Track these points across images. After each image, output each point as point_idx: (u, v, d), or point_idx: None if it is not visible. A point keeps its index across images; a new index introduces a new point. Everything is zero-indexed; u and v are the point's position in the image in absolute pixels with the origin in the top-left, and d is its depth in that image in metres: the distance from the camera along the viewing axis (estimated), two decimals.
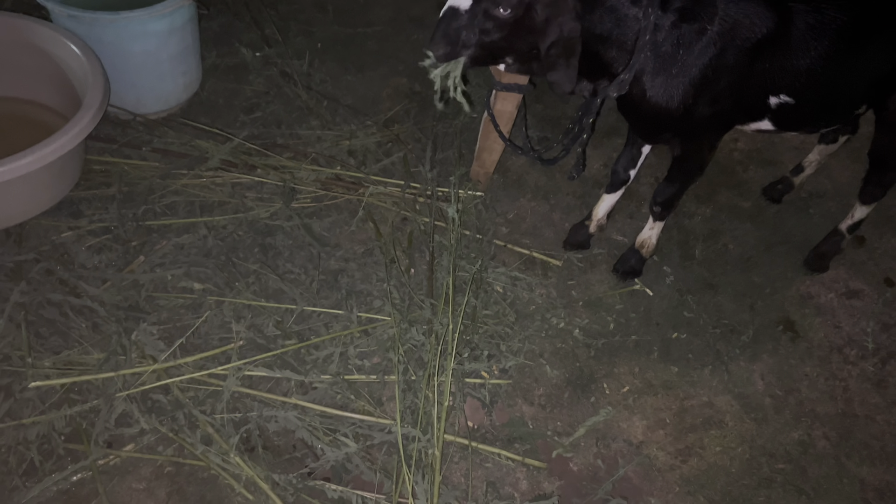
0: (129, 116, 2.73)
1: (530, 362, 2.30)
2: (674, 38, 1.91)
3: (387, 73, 3.29)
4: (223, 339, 2.16)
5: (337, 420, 2.04)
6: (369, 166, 2.79)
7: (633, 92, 2.01)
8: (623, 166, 2.49)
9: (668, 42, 1.92)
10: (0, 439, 1.88)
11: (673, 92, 1.99)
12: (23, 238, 2.31)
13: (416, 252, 2.54)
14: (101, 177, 2.53)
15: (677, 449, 2.18)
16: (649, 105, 2.03)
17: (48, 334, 2.07)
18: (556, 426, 2.18)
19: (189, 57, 2.76)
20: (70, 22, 2.45)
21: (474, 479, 2.02)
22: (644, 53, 1.92)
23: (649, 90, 2.00)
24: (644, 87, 2.00)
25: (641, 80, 1.99)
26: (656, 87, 1.99)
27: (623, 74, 1.96)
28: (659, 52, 1.93)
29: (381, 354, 2.21)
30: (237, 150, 2.69)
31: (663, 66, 1.95)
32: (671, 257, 2.70)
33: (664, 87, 1.99)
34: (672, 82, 1.98)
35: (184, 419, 1.96)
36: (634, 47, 1.91)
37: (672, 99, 2.00)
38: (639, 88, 2.00)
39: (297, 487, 1.90)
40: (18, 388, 1.95)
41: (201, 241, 2.40)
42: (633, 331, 2.45)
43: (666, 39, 1.92)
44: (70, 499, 1.84)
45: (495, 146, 2.63)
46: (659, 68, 1.96)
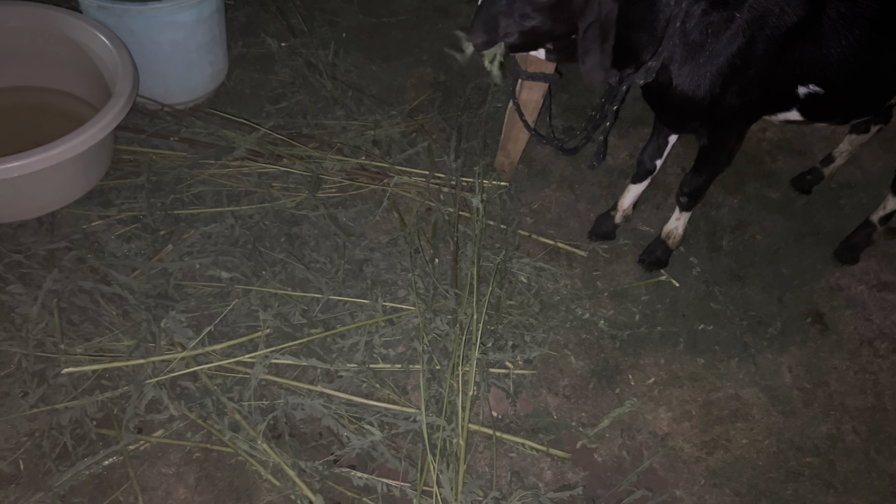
0: (157, 106, 2.76)
1: (555, 353, 2.30)
2: (703, 26, 1.89)
3: (411, 62, 3.29)
4: (250, 328, 2.18)
5: (362, 408, 2.06)
6: (394, 156, 2.79)
7: (659, 80, 1.99)
8: (649, 156, 2.47)
9: (696, 30, 1.89)
10: (34, 424, 1.92)
11: (700, 81, 1.97)
12: (55, 227, 2.34)
13: (441, 242, 2.54)
14: (130, 166, 2.56)
15: (703, 441, 2.17)
16: (676, 94, 2.01)
17: (80, 321, 2.11)
18: (581, 417, 2.18)
19: (216, 47, 2.78)
20: (100, 13, 2.48)
21: (499, 468, 2.03)
22: (673, 41, 1.90)
23: (676, 79, 1.98)
24: (671, 76, 1.98)
25: (668, 69, 1.96)
26: (683, 75, 1.97)
27: (650, 62, 1.94)
28: (687, 40, 1.91)
29: (406, 344, 2.22)
30: (263, 140, 2.71)
31: (691, 54, 1.93)
32: (698, 248, 2.67)
33: (691, 76, 1.97)
34: (700, 71, 1.95)
35: (212, 406, 1.99)
36: (663, 35, 1.89)
37: (699, 88, 1.98)
38: (665, 77, 1.98)
39: (323, 474, 1.92)
40: (52, 373, 1.99)
41: (228, 230, 2.42)
42: (659, 322, 2.44)
43: (695, 27, 1.89)
44: (102, 483, 1.87)
45: (520, 136, 2.61)
46: (687, 56, 1.94)
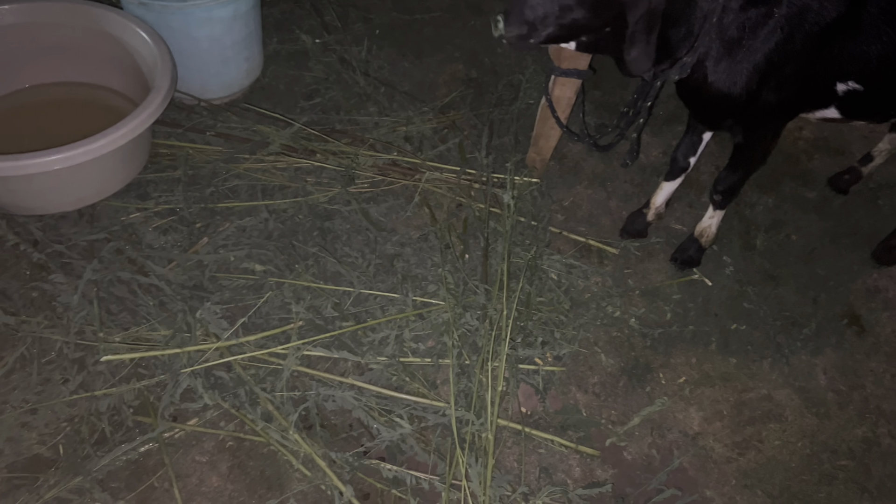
0: (194, 101, 2.80)
1: (585, 350, 2.29)
2: (740, 22, 1.87)
3: (444, 59, 3.30)
4: (283, 320, 2.21)
5: (392, 401, 2.08)
6: (425, 152, 2.80)
7: (694, 76, 1.97)
8: (683, 153, 2.45)
9: (733, 25, 1.87)
10: (74, 410, 1.96)
11: (736, 77, 1.95)
12: (94, 218, 2.40)
13: (471, 238, 2.54)
14: (168, 160, 2.60)
15: (734, 441, 2.15)
16: (711, 90, 1.99)
17: (118, 311, 2.15)
18: (611, 415, 2.17)
19: (252, 43, 2.82)
20: (140, 9, 2.53)
21: (527, 464, 2.03)
22: (709, 36, 1.88)
23: (711, 75, 1.96)
24: (706, 72, 1.96)
25: (704, 64, 1.94)
26: (719, 71, 1.95)
27: (686, 57, 1.92)
28: (724, 35, 1.89)
29: (436, 338, 2.23)
30: (297, 136, 2.74)
31: (727, 50, 1.91)
32: (731, 247, 2.65)
33: (727, 73, 1.94)
34: (736, 67, 1.93)
35: (245, 396, 2.02)
36: (700, 30, 1.87)
37: (735, 85, 1.96)
38: (700, 73, 1.96)
39: (354, 466, 1.94)
40: (91, 361, 2.03)
41: (263, 223, 2.45)
42: (691, 321, 2.42)
43: (732, 23, 1.87)
44: (138, 468, 1.91)
45: (552, 132, 2.61)
46: (723, 52, 1.91)
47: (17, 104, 2.63)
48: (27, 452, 1.89)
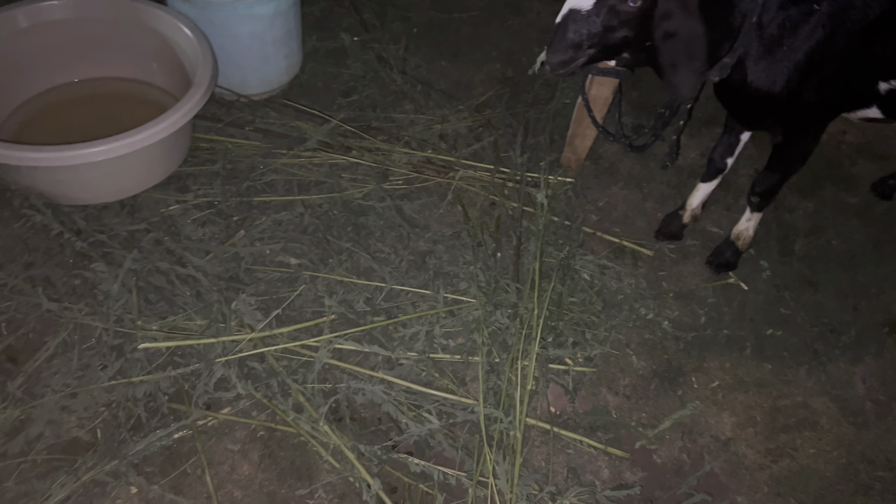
0: (234, 97, 2.85)
1: (616, 352, 2.28)
2: (780, 20, 1.84)
3: (480, 58, 3.30)
4: (316, 313, 2.23)
5: (421, 396, 2.09)
6: (460, 150, 2.81)
7: (733, 76, 1.95)
8: (720, 154, 2.42)
9: (773, 24, 1.84)
10: (111, 395, 2.01)
11: (777, 76, 1.91)
12: (135, 209, 2.45)
13: (503, 236, 2.54)
14: (207, 154, 2.65)
15: (768, 448, 2.11)
16: (751, 90, 1.96)
17: (156, 300, 2.20)
18: (641, 417, 2.15)
19: (291, 40, 2.85)
20: (184, 5, 2.58)
21: (555, 463, 2.02)
22: (749, 36, 1.85)
23: (751, 74, 1.93)
24: (746, 71, 1.93)
25: (743, 64, 1.92)
26: (759, 71, 1.92)
27: (726, 58, 1.90)
28: (764, 34, 1.86)
29: (466, 335, 2.23)
30: (334, 132, 2.77)
31: (768, 49, 1.88)
32: (769, 251, 2.60)
33: (767, 72, 1.91)
34: (776, 66, 1.90)
35: (277, 387, 2.05)
36: (739, 30, 1.85)
37: (775, 84, 1.92)
38: (740, 72, 1.94)
39: (382, 459, 1.95)
40: (129, 348, 2.08)
41: (298, 218, 2.48)
42: (726, 325, 2.38)
43: (772, 21, 1.84)
44: (171, 455, 1.95)
45: (588, 132, 2.60)
46: (763, 52, 1.88)
47: (66, 97, 2.72)
48: (66, 435, 1.94)
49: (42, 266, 2.26)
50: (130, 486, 1.87)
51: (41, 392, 1.99)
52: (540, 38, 3.44)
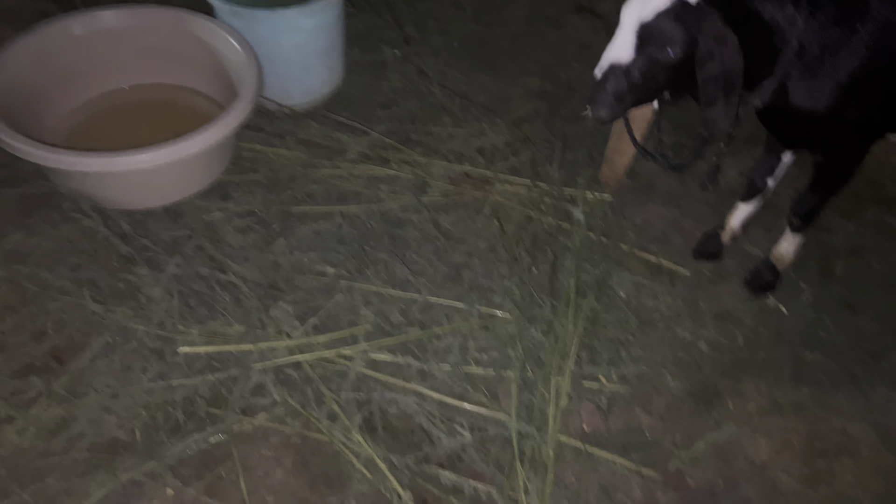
0: (277, 107, 2.90)
1: (651, 371, 2.26)
2: (821, 41, 1.82)
3: (519, 72, 3.32)
4: (351, 322, 2.26)
5: (454, 409, 2.09)
6: (497, 164, 2.82)
7: (774, 98, 1.93)
8: (760, 174, 2.39)
9: (814, 44, 1.82)
10: (151, 397, 2.05)
11: (818, 97, 1.89)
12: (179, 216, 2.51)
13: (539, 252, 2.54)
14: (249, 163, 2.70)
15: (804, 474, 2.08)
16: (791, 111, 1.94)
17: (196, 305, 2.25)
18: (675, 438, 2.13)
19: (334, 53, 2.90)
20: (231, 17, 2.64)
21: (587, 482, 2.01)
22: (789, 59, 1.84)
23: (793, 95, 1.91)
24: (787, 93, 1.91)
25: (784, 85, 1.90)
26: (800, 91, 1.90)
27: (766, 81, 1.88)
28: (804, 55, 1.84)
29: (500, 350, 2.24)
30: (373, 144, 2.80)
31: (809, 70, 1.86)
32: (808, 273, 2.56)
33: (808, 92, 1.89)
34: (818, 86, 1.88)
35: (312, 394, 2.07)
36: (780, 54, 1.83)
37: (817, 104, 1.90)
38: (781, 94, 1.92)
39: (413, 471, 1.96)
40: (169, 352, 2.12)
41: (336, 228, 2.52)
42: (763, 347, 2.35)
43: (812, 42, 1.82)
44: (207, 458, 1.98)
45: (627, 149, 2.59)
46: (804, 73, 1.86)
47: (117, 103, 2.79)
48: (106, 434, 1.98)
49: (88, 268, 2.32)
50: (167, 488, 1.91)
51: (84, 391, 2.04)
52: (578, 52, 3.45)
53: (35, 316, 2.20)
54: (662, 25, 1.68)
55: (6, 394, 2.01)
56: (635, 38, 1.70)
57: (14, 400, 2.01)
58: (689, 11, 1.67)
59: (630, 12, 1.71)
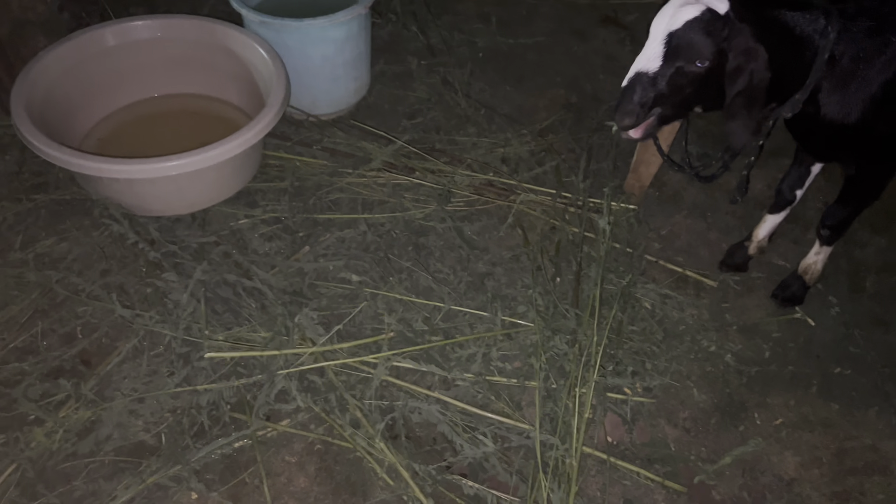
0: (303, 116, 2.93)
1: (676, 383, 2.24)
2: (854, 53, 1.80)
3: (544, 83, 3.32)
4: (375, 330, 2.26)
5: (476, 419, 2.09)
6: (521, 174, 2.82)
7: (804, 109, 1.91)
8: (789, 186, 2.37)
9: (847, 57, 1.81)
10: (177, 402, 2.07)
11: (850, 109, 1.87)
12: (206, 222, 2.54)
13: (563, 261, 2.54)
14: (276, 171, 2.73)
15: (833, 491, 2.04)
16: (823, 123, 1.92)
17: (223, 311, 2.27)
18: (700, 452, 2.11)
19: (361, 63, 2.93)
20: (260, 27, 2.68)
21: (610, 494, 1.99)
22: (821, 71, 1.82)
23: (824, 107, 1.89)
24: (818, 105, 1.89)
25: (815, 98, 1.88)
26: (832, 104, 1.88)
27: (797, 94, 1.87)
28: (836, 67, 1.82)
29: (523, 359, 2.23)
30: (398, 153, 2.82)
31: (841, 82, 1.84)
32: (838, 288, 2.53)
33: (840, 104, 1.87)
34: (850, 99, 1.86)
35: (335, 401, 2.08)
36: (811, 66, 1.81)
37: (849, 116, 1.88)
38: (812, 106, 1.90)
39: (436, 479, 1.95)
40: (195, 356, 2.14)
41: (361, 236, 2.53)
42: (791, 361, 2.32)
43: (844, 54, 1.80)
44: (231, 463, 2.00)
45: (653, 159, 2.58)
46: (836, 85, 1.85)
47: (147, 112, 2.85)
48: (133, 438, 2.00)
49: (117, 274, 2.35)
50: (191, 492, 1.92)
51: (111, 395, 2.07)
52: (605, 64, 3.45)
53: (65, 320, 2.24)
54: (691, 36, 1.68)
55: (36, 396, 2.04)
56: (663, 48, 1.70)
57: (44, 402, 2.04)
58: (719, 24, 1.67)
59: (660, 21, 1.71)
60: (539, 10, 3.77)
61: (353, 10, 2.69)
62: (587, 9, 3.80)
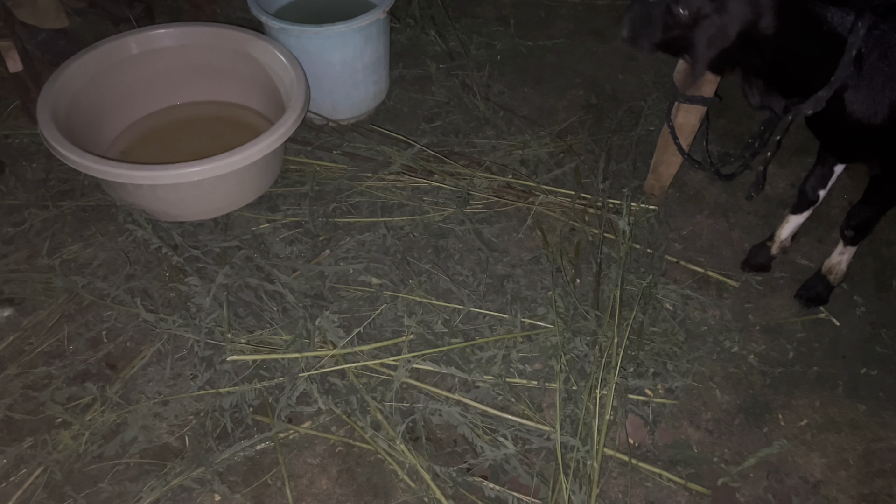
0: (323, 121, 2.96)
1: (699, 384, 2.22)
2: (883, 49, 1.77)
3: (564, 85, 3.31)
4: (395, 332, 2.27)
5: (497, 420, 2.08)
6: (540, 176, 2.82)
7: (828, 108, 1.89)
8: (812, 186, 2.34)
9: (875, 54, 1.78)
10: (200, 404, 2.10)
11: (878, 107, 1.84)
12: (228, 227, 2.57)
13: (583, 263, 2.53)
14: (297, 175, 2.76)
15: (861, 494, 2.01)
16: (849, 122, 1.89)
17: (245, 314, 2.29)
18: (724, 453, 2.09)
19: (380, 67, 2.95)
20: (280, 34, 2.71)
21: (633, 496, 1.98)
22: (847, 68, 1.79)
23: (850, 106, 1.86)
24: (844, 103, 1.87)
25: (841, 96, 1.86)
26: (858, 102, 1.85)
27: (821, 91, 1.84)
28: (864, 64, 1.80)
29: (543, 361, 2.22)
30: (417, 157, 2.83)
31: (868, 79, 1.81)
32: (864, 287, 2.49)
33: (867, 103, 1.84)
34: (878, 97, 1.83)
35: (356, 403, 2.09)
36: (837, 63, 1.79)
37: (876, 115, 1.85)
38: (837, 104, 1.87)
39: (457, 481, 1.96)
40: (218, 360, 2.17)
41: (381, 239, 2.54)
42: (816, 362, 2.29)
43: (873, 51, 1.78)
44: (254, 465, 2.01)
45: (673, 159, 2.56)
46: (863, 82, 1.82)
47: (170, 119, 2.88)
48: (157, 441, 2.03)
49: (141, 278, 2.39)
50: (215, 494, 1.94)
51: (136, 398, 2.10)
52: (624, 65, 3.43)
53: (91, 324, 2.28)
54: None
55: (63, 399, 2.08)
56: None
57: (70, 406, 2.07)
58: None
59: None
60: (558, 11, 3.77)
61: (372, 14, 2.71)
62: (606, 9, 3.79)
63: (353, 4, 2.94)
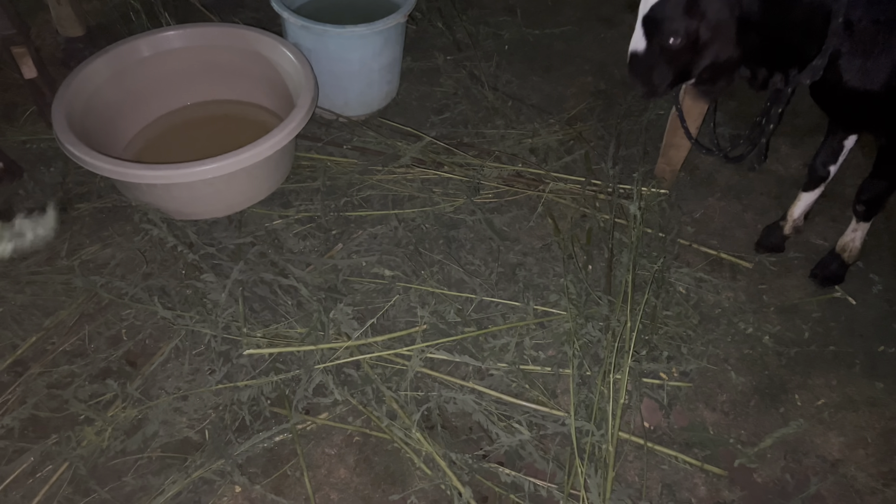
0: (333, 117, 2.98)
1: (714, 367, 2.21)
2: (873, 15, 1.76)
3: (573, 72, 3.31)
4: (409, 323, 2.29)
5: (511, 407, 2.10)
6: (550, 163, 2.82)
7: (826, 77, 1.87)
8: (822, 161, 2.32)
9: (866, 20, 1.77)
10: (219, 398, 2.13)
11: (874, 74, 1.83)
12: (242, 224, 2.60)
13: (595, 249, 2.53)
14: (308, 171, 2.78)
15: (880, 472, 1.99)
16: (847, 90, 1.88)
17: (260, 309, 2.32)
18: (740, 435, 2.08)
19: (394, 67, 2.98)
20: (301, 31, 2.73)
21: (649, 479, 1.98)
22: (838, 35, 1.78)
23: (846, 73, 1.85)
24: (840, 71, 1.85)
25: (836, 64, 1.85)
26: (854, 70, 1.84)
27: (816, 60, 1.84)
28: (855, 31, 1.78)
29: (557, 347, 2.23)
30: (427, 149, 2.84)
31: (861, 46, 1.80)
32: (880, 264, 2.46)
33: (863, 70, 1.83)
34: (873, 64, 1.81)
35: (372, 394, 2.11)
36: (827, 30, 1.78)
37: (873, 82, 1.84)
38: (834, 73, 1.86)
39: (473, 468, 1.97)
40: (235, 354, 2.20)
41: (392, 231, 2.56)
42: (832, 341, 2.27)
43: (863, 17, 1.76)
44: (273, 456, 2.04)
45: (683, 143, 2.55)
46: (856, 49, 1.81)
47: (182, 119, 2.92)
48: (178, 435, 2.06)
49: (158, 276, 2.43)
50: (235, 486, 1.97)
51: (156, 394, 2.14)
52: None
53: (111, 323, 2.32)
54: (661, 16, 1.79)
55: (85, 397, 2.12)
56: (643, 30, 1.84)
57: (93, 402, 2.12)
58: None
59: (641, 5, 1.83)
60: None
61: (394, 17, 2.73)
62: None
63: (369, 4, 2.96)
